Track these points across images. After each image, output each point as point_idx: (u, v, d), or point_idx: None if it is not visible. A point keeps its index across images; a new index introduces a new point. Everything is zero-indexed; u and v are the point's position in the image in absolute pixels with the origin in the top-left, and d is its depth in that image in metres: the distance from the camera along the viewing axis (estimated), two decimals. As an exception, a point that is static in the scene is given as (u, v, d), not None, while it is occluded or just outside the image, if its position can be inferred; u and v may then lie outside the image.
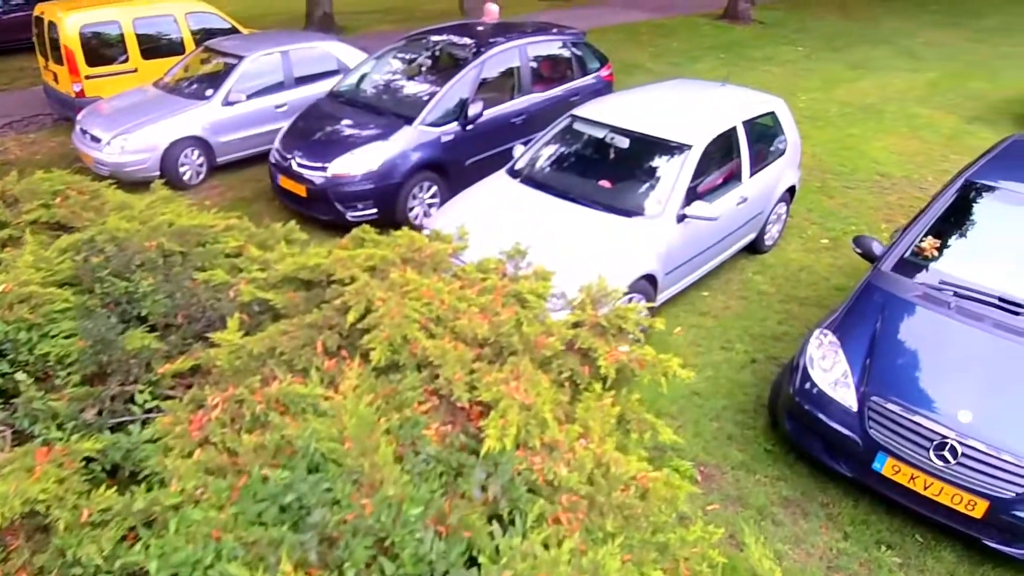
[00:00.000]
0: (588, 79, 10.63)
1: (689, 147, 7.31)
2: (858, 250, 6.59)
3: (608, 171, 7.62)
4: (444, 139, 8.88)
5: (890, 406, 5.26)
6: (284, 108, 10.44)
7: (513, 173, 7.78)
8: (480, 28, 10.34)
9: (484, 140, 9.25)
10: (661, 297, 7.39)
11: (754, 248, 8.88)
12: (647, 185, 7.35)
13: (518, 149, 8.07)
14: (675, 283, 7.52)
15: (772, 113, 8.62)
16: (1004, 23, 24.83)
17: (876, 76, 17.15)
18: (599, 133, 7.76)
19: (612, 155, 7.72)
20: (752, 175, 8.09)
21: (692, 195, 7.23)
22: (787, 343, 7.54)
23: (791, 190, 9.14)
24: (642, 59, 17.29)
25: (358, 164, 8.44)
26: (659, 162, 7.43)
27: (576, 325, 4.84)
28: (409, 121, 8.71)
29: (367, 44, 14.69)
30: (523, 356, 4.35)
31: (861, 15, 24.13)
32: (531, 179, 7.61)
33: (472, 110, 8.91)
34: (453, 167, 9.08)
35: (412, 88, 9.60)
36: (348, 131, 8.94)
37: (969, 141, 13.37)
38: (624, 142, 7.59)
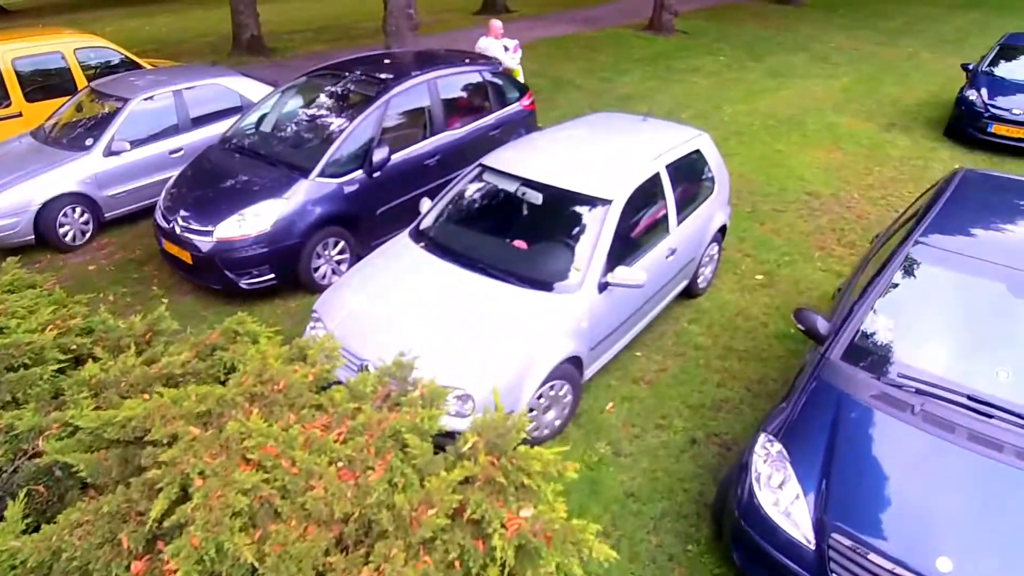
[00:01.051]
0: (508, 110, 8.84)
1: (608, 202, 5.64)
2: (801, 327, 4.95)
3: (522, 232, 5.92)
4: (348, 190, 7.06)
5: (853, 546, 3.72)
6: (181, 153, 8.40)
7: (417, 235, 6.04)
8: (388, 61, 8.38)
9: (395, 187, 7.46)
10: (589, 373, 5.77)
11: (688, 291, 7.27)
12: (564, 250, 5.64)
13: (424, 204, 6.34)
14: (604, 353, 5.89)
15: (698, 151, 6.93)
16: (906, 25, 23.49)
17: (795, 84, 15.61)
18: (510, 186, 6.04)
19: (525, 212, 6.02)
20: (680, 222, 6.47)
21: (616, 256, 5.60)
22: (728, 413, 5.96)
23: (723, 229, 7.53)
24: (572, 74, 15.53)
25: (248, 226, 6.60)
26: (576, 220, 5.73)
27: (466, 481, 3.23)
28: (305, 173, 6.86)
29: (284, 74, 12.79)
30: (395, 539, 2.98)
31: (777, 22, 22.57)
32: (436, 243, 5.86)
33: (377, 156, 7.09)
34: (362, 219, 7.28)
35: (310, 134, 7.57)
36: (237, 187, 7.01)
37: (889, 151, 11.93)
38: (537, 197, 5.88)
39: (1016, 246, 5.07)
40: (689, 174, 6.84)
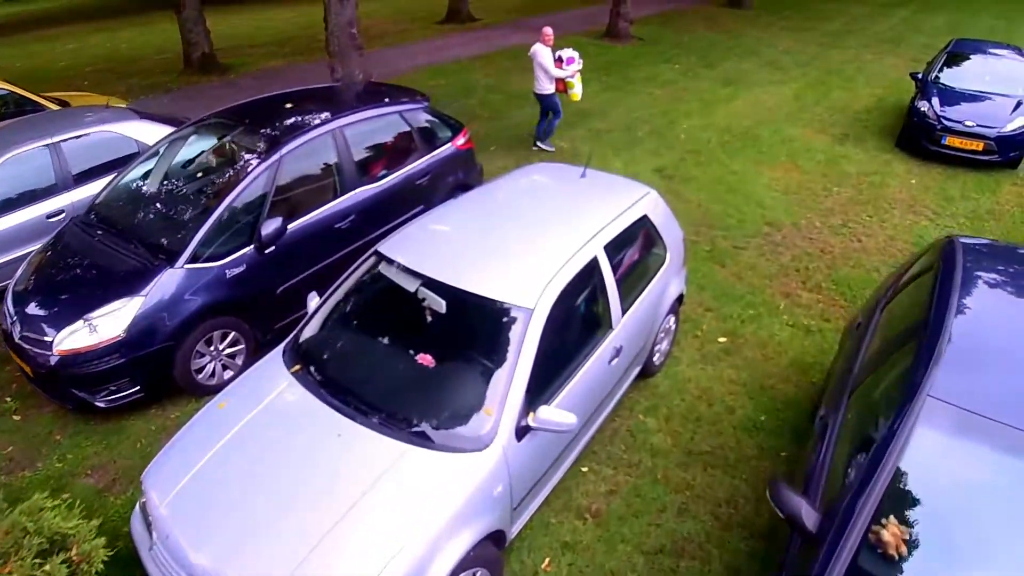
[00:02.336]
0: (438, 153, 6.65)
1: (528, 311, 3.64)
2: (780, 512, 2.98)
3: (425, 347, 3.88)
4: (232, 273, 4.97)
5: None
6: (62, 216, 6.02)
7: (294, 353, 3.99)
8: (289, 106, 6.00)
9: (297, 260, 5.38)
10: (518, 526, 3.82)
11: (643, 370, 5.29)
12: (469, 383, 3.64)
13: (312, 301, 4.29)
14: (536, 499, 3.94)
15: (643, 217, 4.85)
16: (845, 25, 21.21)
17: (748, 93, 13.43)
18: (409, 284, 3.99)
19: (429, 322, 3.96)
20: (626, 311, 4.46)
21: (540, 382, 3.61)
22: (691, 559, 4.05)
23: (679, 297, 5.53)
24: (528, 88, 13.26)
25: (97, 334, 4.54)
26: (488, 338, 3.71)
27: None
28: (172, 259, 4.77)
29: (231, 96, 10.65)
30: None
31: (727, 26, 20.20)
32: (312, 369, 3.83)
33: (267, 229, 4.99)
34: (257, 302, 5.22)
35: (183, 205, 5.26)
36: (88, 279, 4.80)
37: (845, 167, 9.90)
38: (439, 303, 3.84)
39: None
40: (634, 249, 4.79)
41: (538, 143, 9.76)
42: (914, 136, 10.36)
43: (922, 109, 10.31)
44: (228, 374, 5.21)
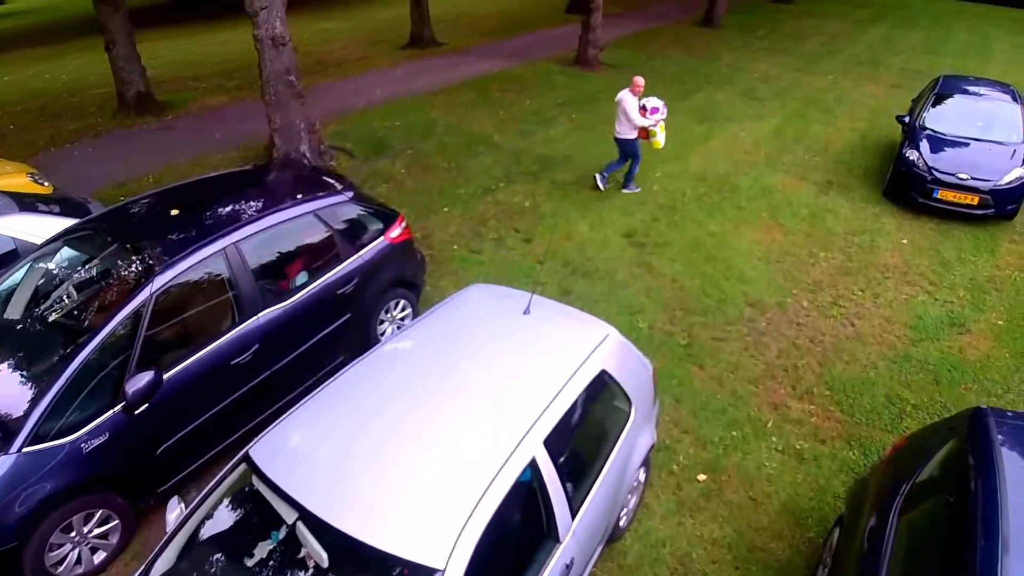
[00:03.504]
0: (367, 251, 5.62)
1: (438, 573, 2.67)
2: None
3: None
4: (91, 445, 3.92)
5: None
6: None
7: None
8: (175, 213, 4.82)
9: (182, 412, 4.36)
10: None
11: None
12: None
13: (172, 514, 3.27)
14: None
15: (601, 374, 3.86)
16: (821, 46, 20.54)
17: (724, 130, 12.58)
18: (287, 513, 2.97)
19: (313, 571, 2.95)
20: (577, 513, 3.50)
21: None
22: None
23: (651, 446, 4.58)
24: (490, 128, 12.29)
25: None
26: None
27: None
28: (5, 442, 3.71)
29: (168, 142, 9.63)
30: None
31: (699, 49, 19.39)
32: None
33: (135, 385, 3.94)
34: (133, 470, 4.19)
35: (25, 361, 4.12)
36: None
37: (830, 224, 9.08)
38: (321, 556, 2.81)
39: None
40: (589, 419, 3.83)
41: (599, 179, 9.77)
42: (903, 187, 9.56)
43: (911, 158, 9.51)
44: (100, 556, 4.18)
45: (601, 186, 9.73)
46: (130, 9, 12.39)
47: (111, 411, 3.98)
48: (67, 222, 5.46)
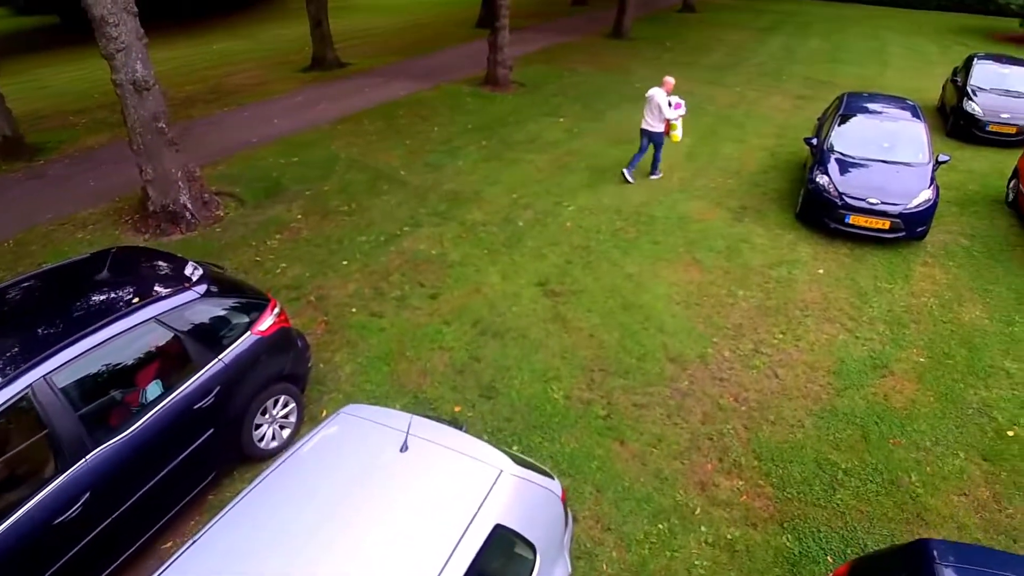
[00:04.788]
0: (231, 351, 4.74)
1: None
2: None
3: None
4: None
5: None
6: None
7: None
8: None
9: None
10: None
11: None
12: None
13: None
14: None
15: (495, 529, 3.14)
16: (728, 56, 20.63)
17: (637, 154, 12.16)
18: None
19: None
20: None
21: None
22: None
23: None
24: (396, 161, 11.44)
25: None
26: None
27: None
28: None
29: (39, 193, 8.35)
30: None
31: (610, 62, 19.09)
32: None
33: None
34: None
35: None
36: None
37: (747, 257, 8.71)
38: None
39: None
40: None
41: (626, 173, 10.79)
42: (815, 212, 9.32)
43: (821, 183, 9.28)
44: None
45: (630, 179, 10.70)
46: (5, 34, 10.91)
47: None
48: None
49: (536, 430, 5.71)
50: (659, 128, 10.38)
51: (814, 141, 10.21)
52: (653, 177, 10.94)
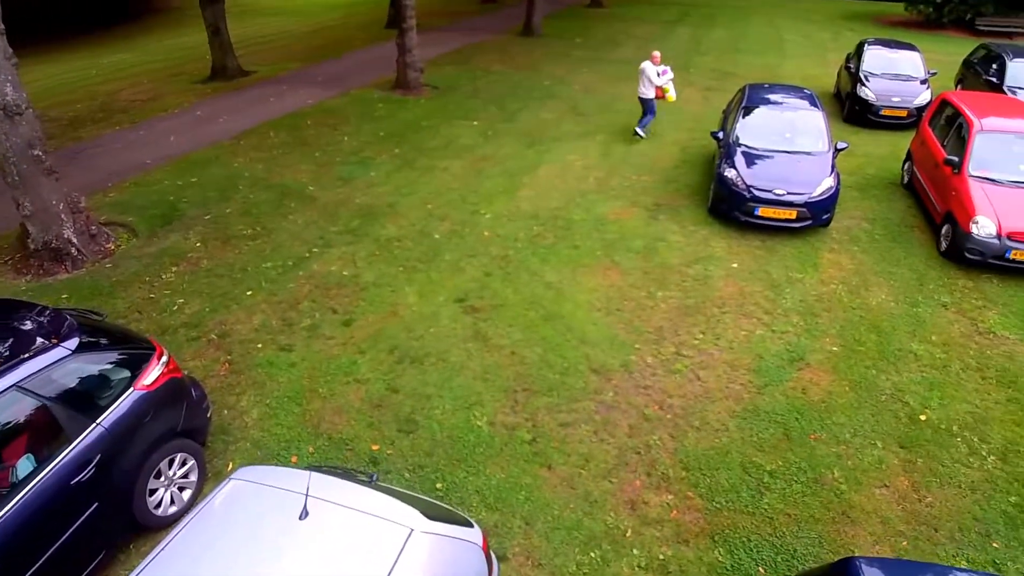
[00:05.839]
0: (112, 414, 4.19)
1: None
2: None
3: None
4: None
5: None
6: None
7: None
8: None
9: None
10: None
11: None
12: None
13: None
14: None
15: None
16: (637, 50, 20.64)
17: (553, 154, 11.98)
18: None
19: None
20: None
21: None
22: None
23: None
24: (304, 176, 10.85)
25: None
26: None
27: None
28: None
29: None
30: None
31: (522, 61, 18.88)
32: None
33: None
34: None
35: None
36: None
37: (664, 255, 8.70)
38: None
39: None
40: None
41: (638, 131, 12.55)
42: (726, 205, 9.37)
43: (729, 177, 9.34)
44: None
45: (643, 135, 12.46)
46: None
47: None
48: None
49: (460, 464, 5.42)
50: (651, 95, 12.13)
51: (720, 135, 10.28)
52: (639, 130, 12.47)
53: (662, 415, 6.04)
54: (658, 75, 11.95)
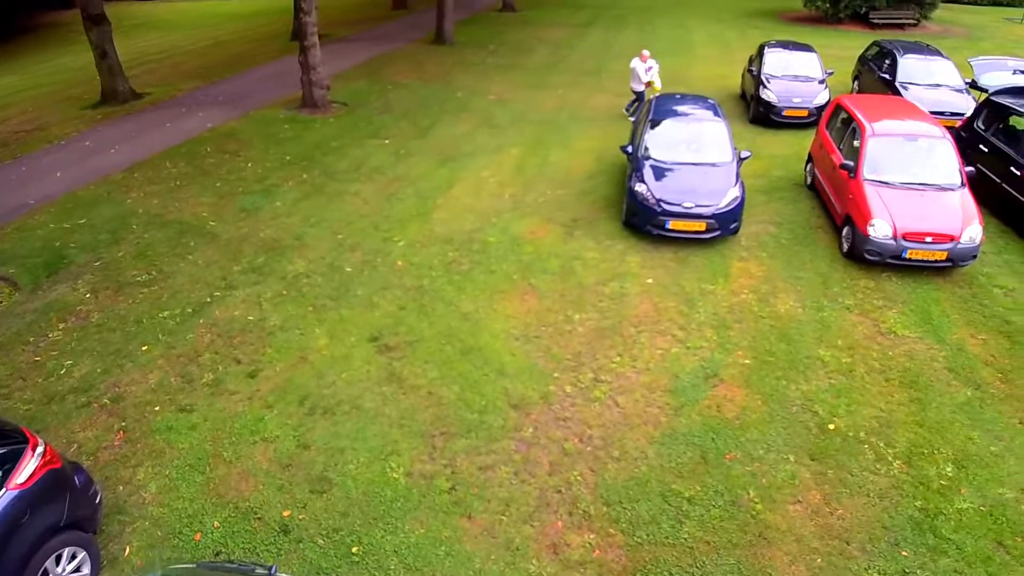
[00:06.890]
0: None
1: None
2: None
3: None
4: None
5: None
6: None
7: None
8: None
9: None
10: None
11: None
12: None
13: None
14: None
15: None
16: (551, 55, 20.92)
17: (467, 171, 11.89)
18: None
19: None
20: None
21: None
22: None
23: None
24: (204, 209, 10.36)
25: None
26: None
27: None
28: None
29: None
30: None
31: (434, 71, 18.68)
32: None
33: None
34: None
35: None
36: None
37: (580, 275, 8.78)
38: None
39: None
40: None
41: (627, 113, 14.70)
42: (638, 220, 9.52)
43: (639, 191, 9.48)
44: None
45: (632, 119, 13.62)
46: None
47: None
48: None
49: (376, 523, 5.25)
50: (641, 88, 14.05)
51: (629, 149, 10.43)
52: (627, 112, 14.59)
53: (582, 448, 6.05)
54: (646, 71, 13.87)
